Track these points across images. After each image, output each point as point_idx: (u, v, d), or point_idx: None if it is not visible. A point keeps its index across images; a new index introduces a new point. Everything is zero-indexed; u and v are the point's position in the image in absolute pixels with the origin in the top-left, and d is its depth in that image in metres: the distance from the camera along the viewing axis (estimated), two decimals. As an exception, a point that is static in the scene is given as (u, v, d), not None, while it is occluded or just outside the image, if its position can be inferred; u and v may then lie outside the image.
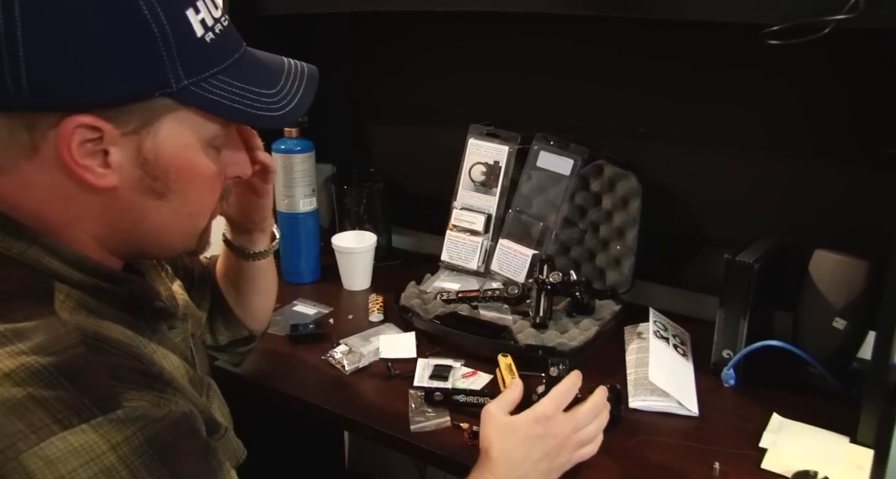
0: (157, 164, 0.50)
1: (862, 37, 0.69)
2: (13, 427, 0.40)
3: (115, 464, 0.41)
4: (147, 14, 0.46)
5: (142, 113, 0.48)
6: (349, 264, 1.18)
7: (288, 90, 0.55)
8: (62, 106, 0.45)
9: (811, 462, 0.72)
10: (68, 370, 0.43)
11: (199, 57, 0.49)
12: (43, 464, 0.40)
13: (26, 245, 0.48)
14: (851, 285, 0.84)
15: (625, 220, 1.07)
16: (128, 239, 0.54)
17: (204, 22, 0.49)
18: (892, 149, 0.84)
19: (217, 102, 0.50)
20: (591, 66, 1.10)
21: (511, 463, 0.66)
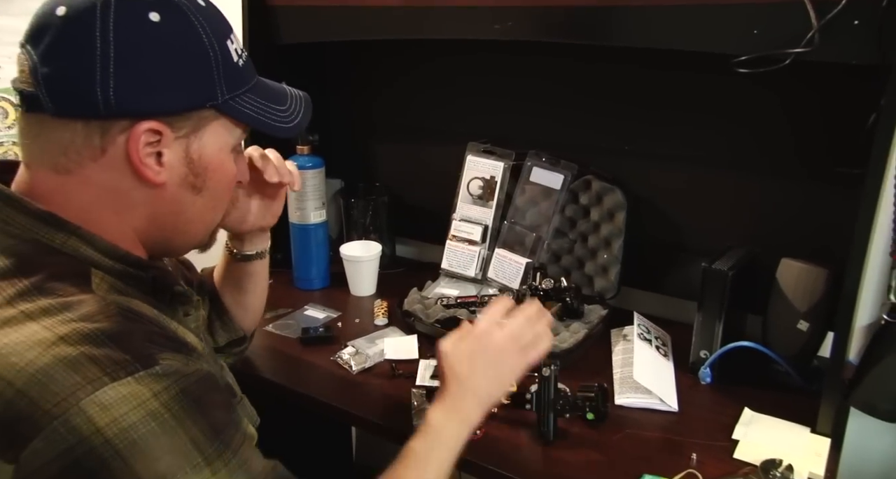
0: (200, 163, 0.59)
1: (822, 68, 0.74)
2: (72, 379, 0.45)
3: (159, 408, 0.47)
4: (206, 43, 0.55)
5: (193, 120, 0.57)
6: (356, 272, 1.20)
7: (295, 108, 0.66)
8: (136, 114, 0.53)
9: (777, 451, 0.76)
10: (112, 334, 0.49)
11: (236, 77, 0.59)
12: (99, 409, 0.45)
13: (66, 237, 0.55)
14: (813, 291, 0.88)
15: (611, 231, 1.10)
16: (163, 231, 0.61)
17: (237, 50, 0.59)
18: (845, 168, 0.89)
19: (247, 113, 0.60)
20: (580, 89, 1.14)
21: (459, 378, 0.69)
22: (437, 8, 1.00)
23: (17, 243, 0.54)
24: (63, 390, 0.45)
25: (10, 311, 0.49)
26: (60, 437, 0.45)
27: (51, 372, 0.46)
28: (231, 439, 0.52)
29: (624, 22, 0.87)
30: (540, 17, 0.93)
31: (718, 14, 0.80)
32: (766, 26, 0.76)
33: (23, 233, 0.54)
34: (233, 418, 0.54)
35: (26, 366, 0.46)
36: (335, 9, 1.10)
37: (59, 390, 0.45)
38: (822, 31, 0.72)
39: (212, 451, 0.49)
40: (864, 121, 0.78)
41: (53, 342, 0.47)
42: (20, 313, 0.49)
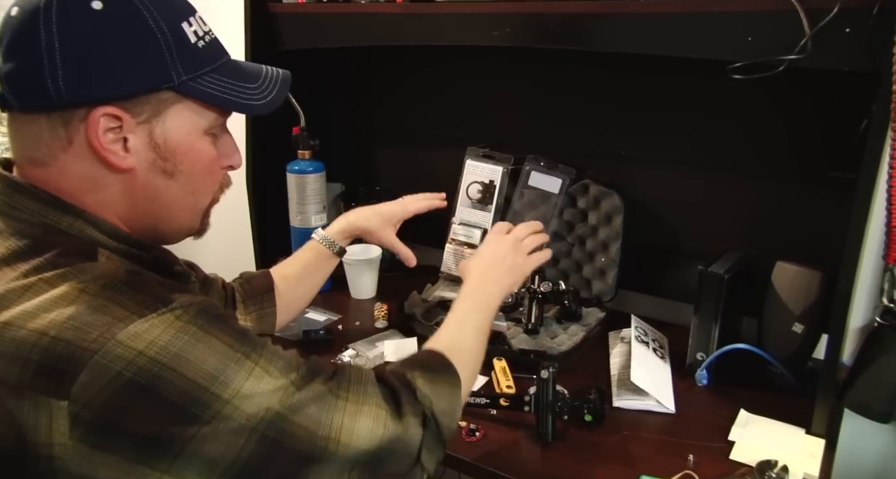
0: (167, 147, 0.59)
1: (816, 74, 0.75)
2: (102, 319, 0.49)
3: (186, 325, 0.51)
4: (153, 26, 0.56)
5: (151, 104, 0.57)
6: (356, 275, 1.21)
7: (268, 85, 0.65)
8: (90, 100, 0.54)
9: (773, 452, 0.77)
10: (129, 282, 0.53)
11: (194, 59, 0.59)
12: (135, 337, 0.49)
13: (73, 219, 0.57)
14: (807, 294, 0.89)
15: (609, 234, 1.11)
16: (146, 218, 0.62)
17: (196, 32, 0.59)
18: (838, 172, 0.91)
19: (211, 93, 0.60)
20: (578, 94, 1.15)
21: (480, 269, 0.83)
22: (437, 15, 1.02)
23: (27, 226, 0.56)
24: (95, 330, 0.48)
25: (29, 280, 0.52)
26: (105, 367, 0.47)
27: (81, 316, 0.49)
28: (255, 339, 0.56)
29: (620, 29, 0.88)
30: (538, 23, 0.94)
31: (713, 21, 0.81)
32: (760, 34, 0.78)
33: (31, 217, 0.56)
34: (244, 329, 0.57)
35: (56, 317, 0.49)
36: (336, 16, 1.12)
37: (93, 329, 0.48)
38: (815, 38, 0.74)
39: (246, 347, 0.54)
40: (856, 126, 0.79)
41: (76, 296, 0.50)
42: (39, 280, 0.52)
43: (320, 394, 0.57)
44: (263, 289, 0.95)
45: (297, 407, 0.55)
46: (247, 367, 0.53)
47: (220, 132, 0.65)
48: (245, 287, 0.95)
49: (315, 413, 0.56)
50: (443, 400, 0.65)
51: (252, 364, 0.53)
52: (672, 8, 0.83)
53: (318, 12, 1.15)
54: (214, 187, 0.66)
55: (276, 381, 0.54)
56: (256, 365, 0.54)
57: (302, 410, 0.55)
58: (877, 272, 0.78)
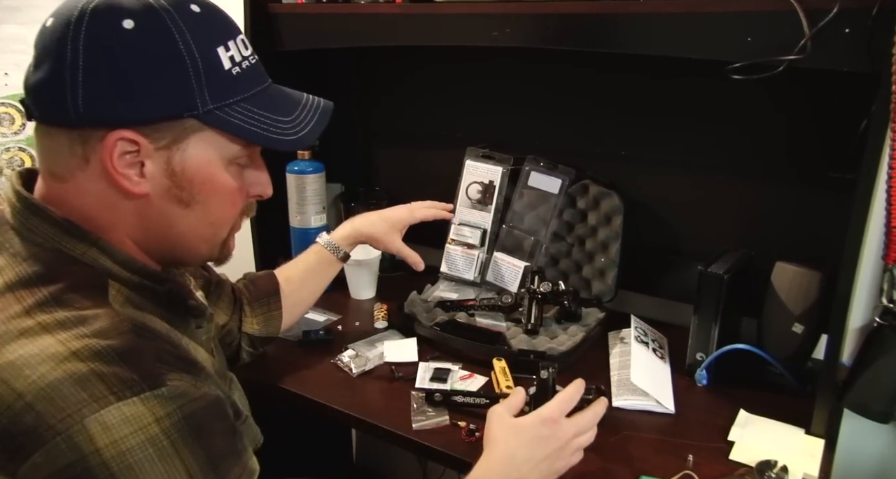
0: (184, 176, 0.56)
1: (816, 75, 0.76)
2: (79, 396, 0.46)
3: (159, 434, 0.47)
4: (182, 50, 0.53)
5: (173, 131, 0.55)
6: (356, 275, 1.21)
7: (302, 119, 0.61)
8: (108, 123, 0.52)
9: (772, 453, 0.77)
10: (123, 352, 0.49)
11: (224, 86, 0.56)
12: (101, 429, 0.46)
13: (87, 247, 0.55)
14: (807, 294, 0.89)
15: (608, 235, 1.11)
16: (161, 244, 0.60)
17: (232, 58, 0.56)
18: (838, 173, 0.91)
19: (237, 125, 0.56)
20: (577, 94, 1.15)
21: (514, 462, 0.66)
22: (436, 15, 1.02)
23: (39, 251, 0.55)
24: (69, 407, 0.46)
25: (28, 322, 0.50)
26: (60, 453, 0.45)
27: (59, 387, 0.47)
28: (228, 472, 0.51)
29: (620, 29, 0.88)
30: (537, 24, 0.94)
31: (713, 22, 0.81)
32: (759, 34, 0.78)
33: (45, 242, 0.55)
34: (235, 448, 0.54)
35: (38, 379, 0.47)
36: (335, 16, 1.12)
37: (66, 406, 0.46)
38: (814, 39, 0.74)
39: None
40: (856, 127, 0.79)
41: (66, 358, 0.48)
42: (37, 324, 0.50)
43: None
44: (269, 291, 0.95)
45: None
46: None
47: (249, 162, 0.62)
48: (250, 289, 0.95)
49: None
50: None
51: None
52: (672, 8, 0.83)
53: (318, 13, 1.15)
54: (234, 218, 0.63)
55: None
56: None
57: None
58: (876, 273, 0.78)
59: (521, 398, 0.74)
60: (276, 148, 0.59)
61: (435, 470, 1.40)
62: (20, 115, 1.37)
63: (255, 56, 0.60)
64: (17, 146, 1.39)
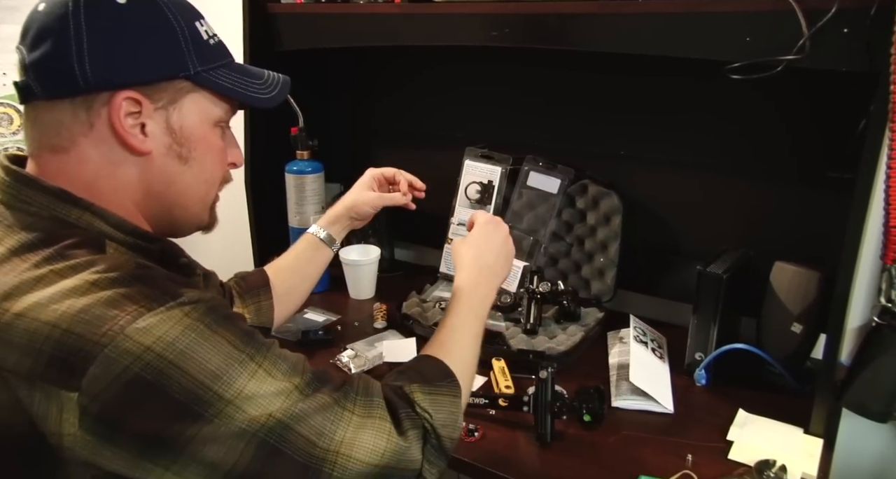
0: (182, 133, 0.62)
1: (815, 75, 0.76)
2: (112, 313, 0.50)
3: (194, 322, 0.52)
4: (171, 19, 0.60)
5: (169, 92, 0.60)
6: (355, 276, 1.22)
7: (272, 82, 0.69)
8: (113, 85, 0.57)
9: (771, 452, 0.78)
10: (138, 276, 0.54)
11: (207, 53, 0.62)
12: (143, 332, 0.50)
13: (81, 212, 0.59)
14: (806, 294, 0.89)
15: (607, 234, 1.11)
16: (161, 204, 0.64)
17: (206, 32, 0.64)
18: (837, 173, 0.91)
19: (223, 85, 0.63)
20: (576, 95, 1.16)
21: (480, 258, 0.83)
22: (435, 15, 1.02)
23: (37, 220, 0.58)
24: (105, 324, 0.50)
25: (40, 271, 0.53)
26: (113, 361, 0.49)
27: (92, 310, 0.50)
28: (262, 340, 0.57)
29: (619, 29, 0.88)
30: (535, 24, 0.94)
31: (712, 22, 0.81)
32: (758, 34, 0.78)
33: (41, 210, 0.58)
34: (252, 330, 0.58)
35: (67, 309, 0.50)
36: (334, 16, 1.12)
37: (102, 323, 0.50)
38: (813, 38, 0.74)
39: (251, 348, 0.55)
40: (854, 126, 0.79)
41: (87, 289, 0.52)
42: (50, 271, 0.53)
43: (326, 405, 0.57)
44: (259, 283, 0.96)
45: (301, 417, 0.55)
46: (250, 368, 0.54)
47: (226, 127, 0.68)
48: (241, 284, 0.96)
49: (319, 424, 0.56)
50: (443, 412, 0.65)
51: (255, 366, 0.54)
52: (671, 8, 0.83)
53: (317, 12, 1.15)
54: (222, 179, 0.69)
55: (279, 383, 0.55)
56: (260, 367, 0.54)
57: (305, 420, 0.55)
58: (875, 272, 0.78)
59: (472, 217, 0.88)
60: (256, 105, 0.67)
61: (434, 470, 1.40)
62: (18, 115, 1.37)
63: (217, 35, 0.67)
64: (16, 146, 1.40)
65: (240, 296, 0.94)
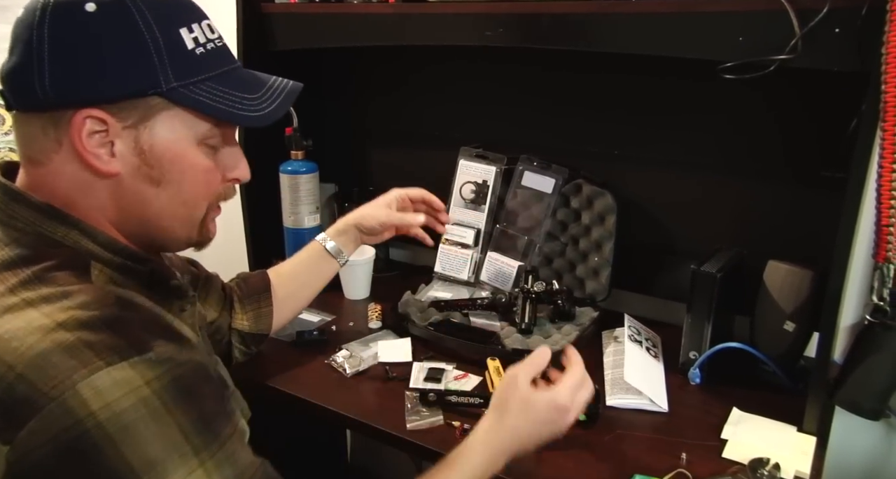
0: (153, 153, 0.57)
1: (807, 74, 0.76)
2: (69, 364, 0.47)
3: (150, 396, 0.48)
4: (143, 30, 0.55)
5: (139, 109, 0.56)
6: (350, 276, 1.21)
7: (268, 97, 0.62)
8: (75, 102, 0.54)
9: (765, 450, 0.78)
10: (108, 321, 0.50)
11: (188, 65, 0.57)
12: (94, 393, 0.46)
13: (67, 230, 0.57)
14: (799, 292, 0.89)
15: (602, 234, 1.11)
16: (138, 226, 0.60)
17: (196, 39, 0.58)
18: (829, 172, 0.91)
19: (202, 102, 0.58)
20: (571, 94, 1.16)
21: (518, 435, 0.69)
22: (429, 15, 1.02)
23: (21, 236, 0.56)
24: (60, 374, 0.47)
25: (12, 299, 0.51)
26: (56, 418, 0.46)
27: (49, 356, 0.47)
28: (220, 430, 0.52)
29: (612, 29, 0.88)
30: (530, 24, 0.94)
31: (705, 22, 0.81)
32: (750, 33, 0.78)
33: (27, 226, 0.56)
34: (225, 409, 0.55)
35: (26, 351, 0.48)
36: (329, 16, 1.12)
37: (57, 374, 0.47)
38: (805, 38, 0.74)
39: (200, 441, 0.50)
40: (846, 126, 0.80)
41: (52, 328, 0.49)
42: (21, 300, 0.51)
43: None
44: (260, 288, 0.95)
45: None
46: (190, 465, 0.49)
47: (222, 144, 0.63)
48: (242, 286, 0.95)
49: None
50: None
51: (197, 463, 0.49)
52: (664, 8, 0.83)
53: (311, 12, 1.15)
54: (209, 199, 0.64)
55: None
56: (202, 466, 0.49)
57: None
58: (867, 271, 0.78)
59: (544, 363, 0.74)
60: (242, 124, 0.62)
61: (430, 470, 1.40)
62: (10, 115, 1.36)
63: (221, 40, 0.62)
64: (7, 147, 1.39)
65: (240, 300, 0.94)
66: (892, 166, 0.69)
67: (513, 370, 0.72)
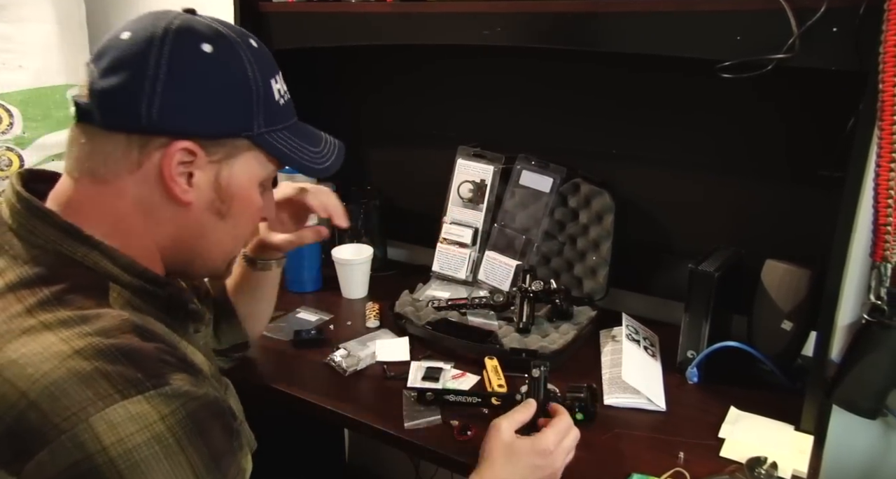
0: (228, 190, 0.61)
1: (805, 74, 0.76)
2: (84, 395, 0.46)
3: (164, 432, 0.47)
4: (250, 77, 0.59)
5: (227, 147, 0.60)
6: (348, 275, 1.21)
7: (328, 151, 0.68)
8: (174, 132, 0.57)
9: (762, 449, 0.78)
10: (126, 351, 0.49)
11: (275, 114, 0.62)
12: (107, 427, 0.46)
13: (88, 250, 0.56)
14: (796, 291, 0.90)
15: (600, 233, 1.11)
16: (186, 252, 0.63)
17: (279, 90, 0.63)
18: (826, 171, 0.91)
19: (280, 149, 0.62)
20: (569, 93, 1.16)
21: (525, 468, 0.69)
22: (426, 14, 1.02)
23: (41, 253, 0.56)
24: (74, 405, 0.46)
25: (29, 320, 0.51)
26: (66, 451, 0.45)
27: (64, 386, 0.47)
28: (228, 469, 0.52)
29: (610, 28, 0.88)
30: (527, 23, 0.94)
31: (703, 21, 0.81)
32: (748, 33, 0.78)
33: (47, 244, 0.56)
34: (233, 447, 0.54)
35: (41, 378, 0.47)
36: (325, 15, 1.12)
37: (70, 405, 0.46)
38: (802, 37, 0.74)
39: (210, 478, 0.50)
40: (844, 125, 0.80)
41: (69, 355, 0.48)
42: (39, 323, 0.50)
43: None
44: (221, 301, 0.92)
45: None
46: None
47: (268, 186, 0.67)
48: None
49: None
50: None
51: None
52: (662, 7, 0.83)
53: (308, 11, 1.15)
54: (253, 235, 0.69)
55: None
56: None
57: None
58: (864, 270, 0.78)
59: (529, 414, 0.75)
60: (308, 174, 0.66)
61: (427, 469, 1.40)
62: (7, 114, 1.36)
63: (288, 93, 0.65)
64: (5, 146, 1.38)
65: None
66: (889, 166, 0.70)
67: (496, 421, 0.73)
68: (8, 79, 1.33)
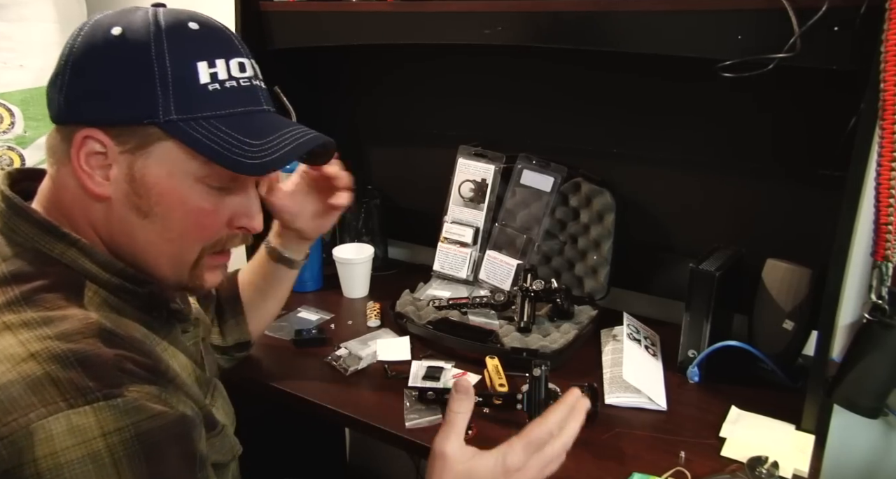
0: (143, 183, 0.56)
1: (805, 73, 0.76)
2: (29, 400, 0.45)
3: (101, 450, 0.45)
4: (153, 58, 0.54)
5: (136, 136, 0.55)
6: (349, 274, 1.21)
7: (274, 145, 0.57)
8: (82, 121, 0.55)
9: (763, 449, 0.78)
10: (83, 357, 0.47)
11: (194, 100, 0.55)
12: (45, 437, 0.44)
13: (66, 247, 0.56)
14: (797, 291, 0.90)
15: (601, 232, 1.11)
16: (125, 253, 0.59)
17: (214, 75, 0.55)
18: (828, 170, 0.91)
19: (196, 138, 0.55)
20: (569, 93, 1.16)
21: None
22: (428, 13, 1.02)
23: (20, 251, 0.55)
24: (17, 410, 0.45)
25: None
26: (2, 457, 0.44)
27: (10, 390, 0.46)
28: None
29: (612, 27, 0.88)
30: (529, 22, 0.94)
31: (704, 20, 0.81)
32: (749, 32, 0.78)
33: (26, 242, 0.56)
34: (192, 475, 0.51)
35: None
36: (327, 14, 1.11)
37: (13, 410, 0.45)
38: (803, 37, 0.74)
39: None
40: (845, 125, 0.80)
41: (23, 359, 0.47)
42: (2, 323, 0.50)
43: None
44: (230, 297, 0.92)
45: None
46: None
47: (233, 188, 0.60)
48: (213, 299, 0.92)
49: None
50: None
51: None
52: (662, 6, 0.83)
53: (309, 10, 1.15)
54: (203, 241, 0.60)
55: None
56: None
57: None
58: (865, 269, 0.78)
59: (463, 417, 0.61)
60: (233, 170, 0.57)
61: (428, 469, 1.40)
62: (8, 114, 1.36)
63: (251, 80, 0.58)
64: (6, 145, 1.38)
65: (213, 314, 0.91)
66: (890, 165, 0.69)
67: (439, 448, 0.58)
68: (9, 78, 1.33)
